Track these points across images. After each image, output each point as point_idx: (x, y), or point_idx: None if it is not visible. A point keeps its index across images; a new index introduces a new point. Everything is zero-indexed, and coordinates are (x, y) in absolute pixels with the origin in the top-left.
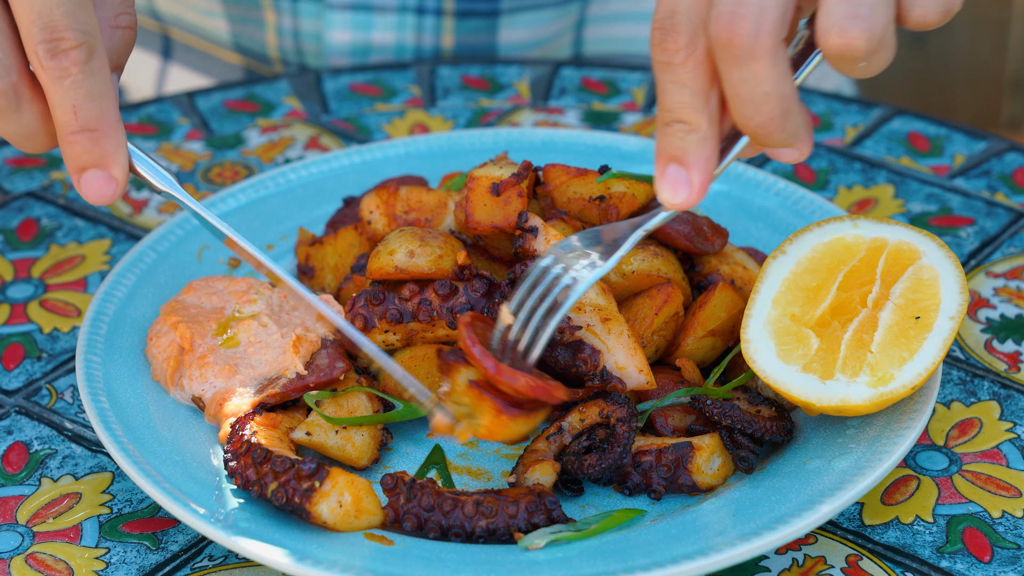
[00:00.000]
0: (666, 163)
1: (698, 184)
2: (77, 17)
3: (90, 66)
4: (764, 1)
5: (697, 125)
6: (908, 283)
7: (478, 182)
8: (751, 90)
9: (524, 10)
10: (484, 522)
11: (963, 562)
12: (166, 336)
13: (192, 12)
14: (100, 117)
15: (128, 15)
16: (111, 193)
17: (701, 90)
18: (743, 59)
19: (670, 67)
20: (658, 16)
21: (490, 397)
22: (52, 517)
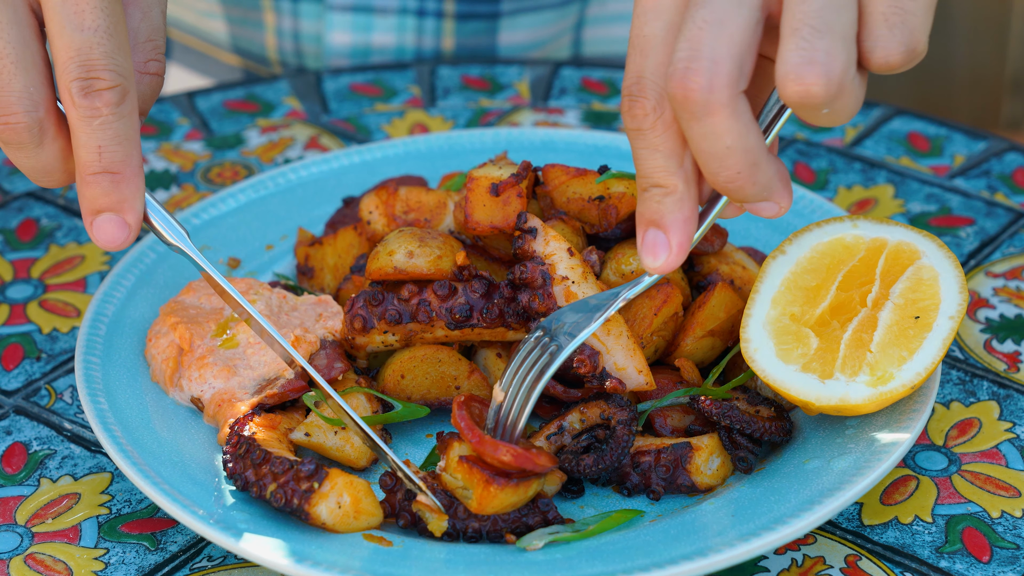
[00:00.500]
0: (645, 228)
1: (676, 246)
2: (115, 59)
3: (121, 109)
4: (717, 54)
5: (673, 187)
6: (908, 283)
7: (477, 182)
8: (713, 145)
9: (524, 12)
10: (476, 523)
11: (962, 562)
12: (165, 337)
13: (191, 13)
14: (124, 161)
15: (157, 62)
16: (123, 239)
17: (673, 152)
18: (700, 114)
19: (641, 133)
20: (625, 83)
21: (479, 469)
22: (51, 517)
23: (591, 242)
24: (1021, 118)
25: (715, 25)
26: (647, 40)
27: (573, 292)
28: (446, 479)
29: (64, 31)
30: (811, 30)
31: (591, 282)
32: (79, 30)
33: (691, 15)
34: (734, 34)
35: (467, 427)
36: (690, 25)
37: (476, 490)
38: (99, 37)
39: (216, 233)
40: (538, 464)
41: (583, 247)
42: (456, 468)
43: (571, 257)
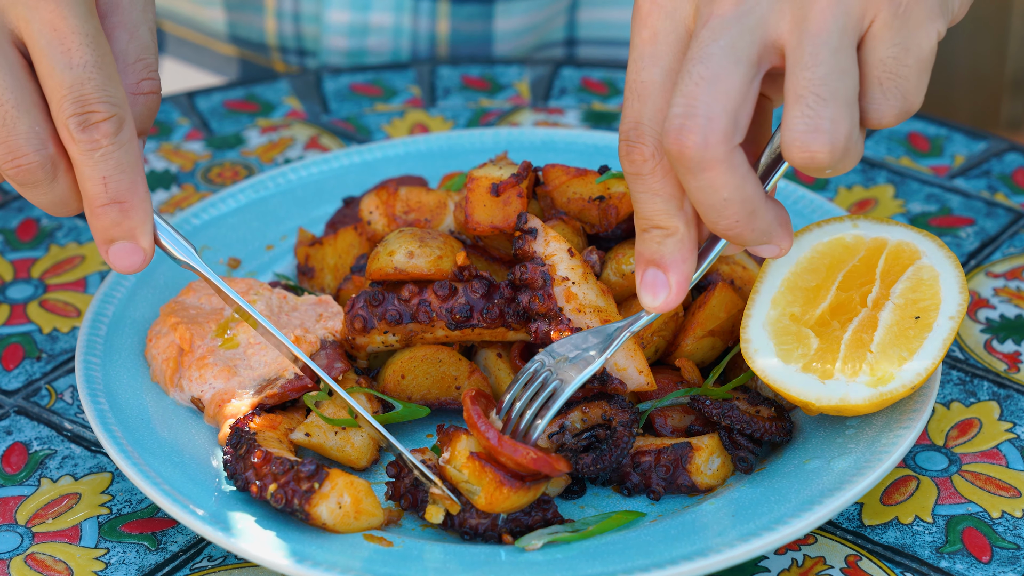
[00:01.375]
0: (645, 267)
1: (676, 285)
2: (107, 90)
3: (120, 138)
4: (712, 111)
5: (674, 229)
6: (908, 283)
7: (478, 182)
8: (710, 197)
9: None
10: (475, 520)
11: (962, 562)
12: (165, 337)
13: (187, 3)
14: (130, 189)
15: (150, 80)
16: (139, 263)
17: (673, 196)
18: (696, 170)
19: (640, 177)
20: (623, 128)
21: (492, 469)
22: (51, 517)
23: (591, 242)
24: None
25: (711, 81)
26: (644, 86)
27: (573, 292)
28: (451, 473)
29: (55, 71)
30: (816, 98)
31: (591, 283)
32: (68, 68)
33: (688, 69)
34: (730, 90)
35: (485, 426)
36: (686, 80)
37: (487, 489)
38: (89, 72)
39: (216, 233)
40: (556, 469)
41: (583, 247)
42: (465, 464)
43: (571, 257)
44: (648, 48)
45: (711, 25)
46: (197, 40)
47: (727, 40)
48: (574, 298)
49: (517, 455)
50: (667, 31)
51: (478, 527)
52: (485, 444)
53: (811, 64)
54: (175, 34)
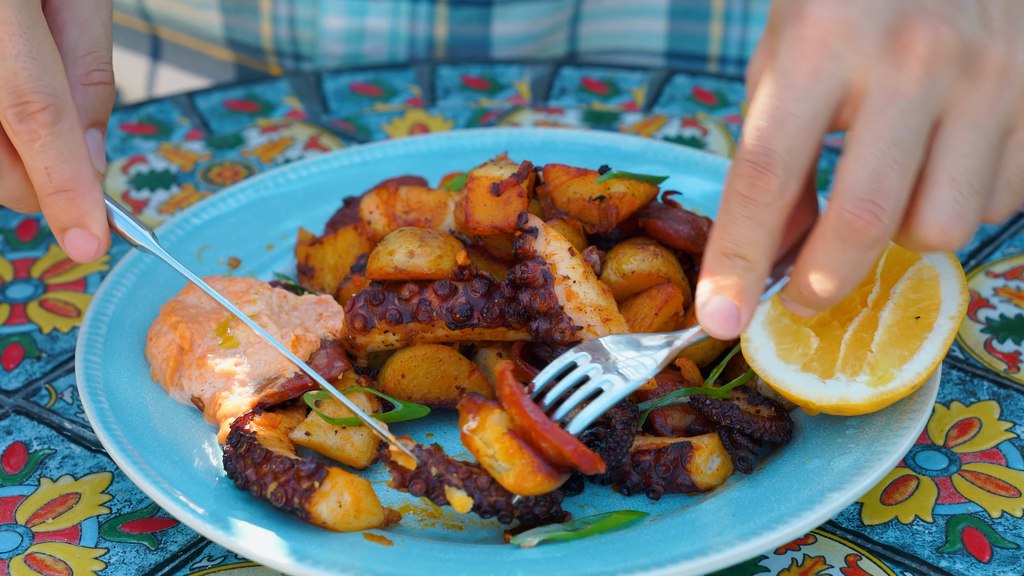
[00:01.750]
0: (714, 292)
1: (744, 320)
2: (42, 79)
3: (59, 127)
4: (900, 199)
5: (758, 265)
6: (908, 283)
7: (478, 182)
8: (846, 271)
9: (518, 1)
10: (492, 498)
11: (962, 562)
12: (165, 336)
13: (184, 6)
14: (74, 177)
15: (101, 71)
16: (93, 251)
17: (777, 234)
18: (861, 248)
19: (752, 203)
20: (751, 149)
21: (530, 452)
22: (51, 517)
23: (591, 242)
24: None
25: (903, 168)
26: (791, 119)
27: (574, 292)
28: (477, 443)
29: None
30: (969, 187)
31: (592, 282)
32: (2, 59)
33: (879, 146)
34: (912, 179)
35: (532, 408)
36: (877, 158)
37: (519, 470)
38: (22, 62)
39: (216, 233)
40: (594, 466)
41: (583, 247)
42: (498, 440)
43: (572, 257)
44: (806, 83)
45: (898, 105)
46: (193, 46)
47: (916, 124)
48: (575, 297)
49: (564, 445)
50: (830, 75)
51: (495, 504)
52: (527, 424)
53: (972, 154)
54: (172, 40)
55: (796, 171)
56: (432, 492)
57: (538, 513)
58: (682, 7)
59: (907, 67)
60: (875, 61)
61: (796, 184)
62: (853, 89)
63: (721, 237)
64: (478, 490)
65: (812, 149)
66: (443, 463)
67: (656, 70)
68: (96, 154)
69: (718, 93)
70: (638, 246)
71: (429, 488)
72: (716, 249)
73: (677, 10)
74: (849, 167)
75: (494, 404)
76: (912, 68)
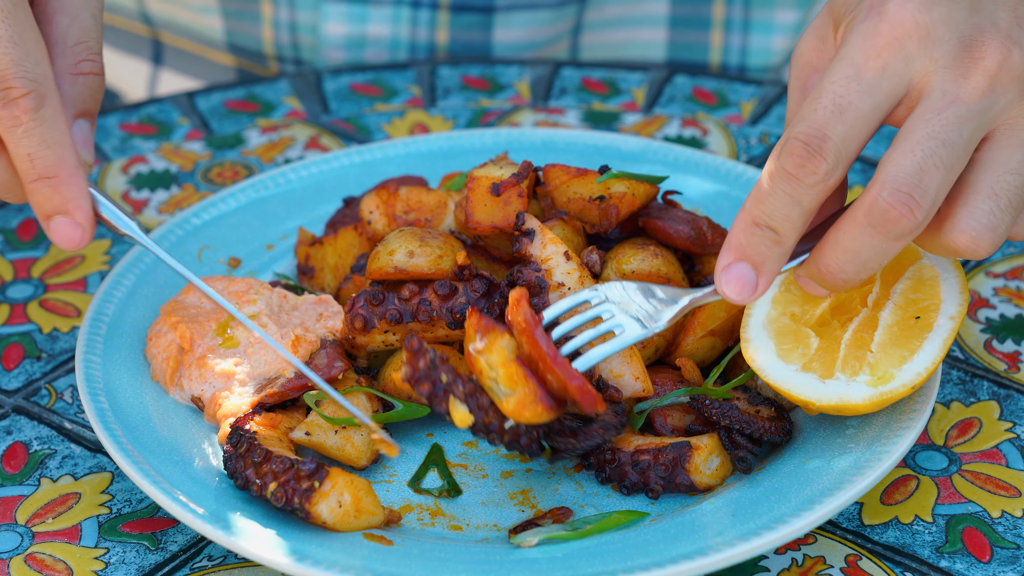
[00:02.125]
0: (736, 258)
1: (761, 290)
2: (24, 65)
3: (41, 114)
4: (938, 197)
5: (787, 241)
6: (908, 283)
7: (478, 182)
8: (868, 256)
9: (519, 9)
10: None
11: (962, 562)
12: (166, 336)
13: (185, 11)
14: (57, 164)
15: (90, 62)
16: (79, 238)
17: (810, 214)
18: (890, 239)
19: (796, 182)
20: (805, 130)
21: (534, 383)
22: (51, 517)
23: (591, 242)
24: None
25: (947, 170)
26: (851, 108)
27: None
28: (480, 364)
29: None
30: (1007, 202)
31: (587, 287)
32: None
33: (927, 145)
34: (952, 181)
35: (544, 339)
36: (924, 155)
37: (520, 397)
38: (3, 47)
39: (216, 233)
40: (598, 407)
41: (583, 247)
42: (504, 364)
43: (568, 261)
44: (873, 78)
45: (956, 110)
46: (195, 50)
47: (969, 133)
48: None
49: (570, 380)
50: (897, 73)
51: (488, 425)
52: (536, 354)
53: (1016, 171)
54: (173, 45)
55: (845, 159)
56: (435, 399)
57: (523, 443)
58: (683, 16)
59: (973, 78)
60: (943, 67)
61: (842, 172)
62: (913, 90)
63: (756, 206)
64: (479, 409)
65: (862, 141)
66: (453, 373)
67: (656, 70)
68: (83, 144)
69: (718, 93)
70: (638, 246)
71: (434, 392)
72: (748, 217)
73: (678, 19)
74: (895, 159)
75: (503, 328)
76: (977, 80)
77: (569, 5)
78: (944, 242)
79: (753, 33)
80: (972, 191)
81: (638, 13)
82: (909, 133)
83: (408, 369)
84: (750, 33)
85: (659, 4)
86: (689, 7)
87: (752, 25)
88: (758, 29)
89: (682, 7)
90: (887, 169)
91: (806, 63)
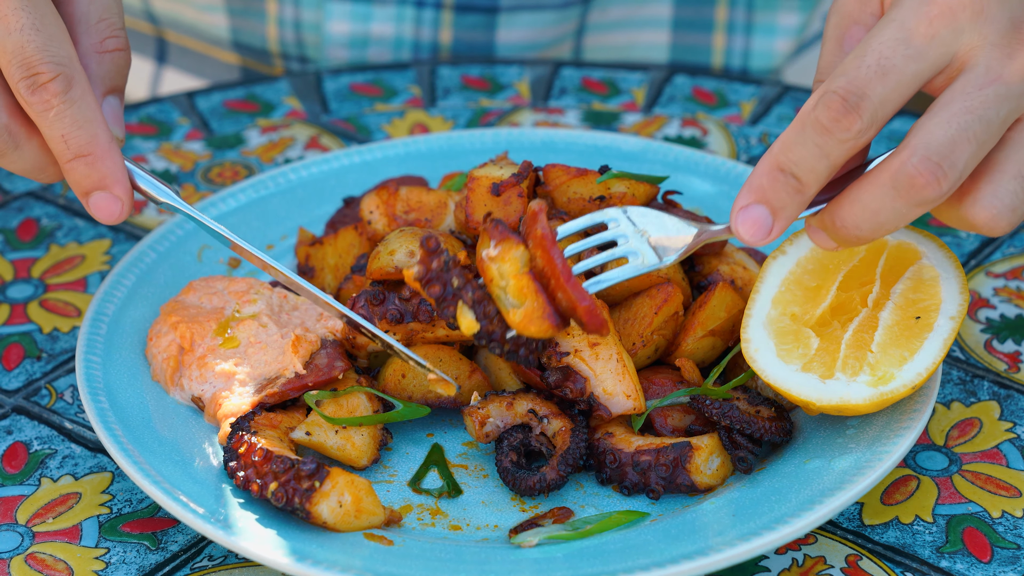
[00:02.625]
0: (756, 200)
1: (775, 234)
2: (50, 50)
3: (71, 95)
4: (966, 170)
5: (808, 190)
6: (908, 283)
7: (478, 182)
8: (885, 218)
9: (523, 10)
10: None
11: (963, 562)
12: (166, 336)
13: (190, 9)
14: (91, 142)
15: (115, 39)
16: (119, 212)
17: (835, 168)
18: (914, 204)
19: (828, 135)
20: (845, 85)
21: (543, 298)
22: (52, 517)
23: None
24: None
25: (979, 145)
26: (894, 71)
27: None
28: (492, 272)
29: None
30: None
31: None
32: (7, 34)
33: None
34: (980, 157)
35: (559, 256)
36: (959, 128)
37: (528, 310)
38: (27, 35)
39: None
40: (600, 331)
41: None
42: (515, 275)
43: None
44: (922, 44)
45: (997, 89)
46: (199, 48)
47: (1006, 112)
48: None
49: (580, 300)
50: (946, 43)
51: (492, 333)
52: (550, 270)
53: None
54: (177, 43)
55: (880, 120)
56: (443, 302)
57: (522, 355)
58: (686, 19)
59: (1018, 59)
60: (991, 44)
61: (875, 132)
62: (956, 61)
63: (783, 152)
64: (485, 317)
65: (899, 105)
66: (465, 278)
67: (656, 70)
68: (114, 120)
69: (718, 93)
70: None
71: (443, 295)
72: (773, 161)
73: (681, 21)
74: (929, 127)
75: (519, 239)
76: (1022, 62)
77: (573, 7)
78: (963, 215)
79: (756, 36)
80: (999, 169)
81: (641, 15)
82: (947, 104)
83: (421, 268)
84: (753, 35)
85: (662, 6)
86: (692, 9)
87: (755, 28)
88: (761, 32)
89: (685, 9)
90: (920, 136)
91: (847, 14)
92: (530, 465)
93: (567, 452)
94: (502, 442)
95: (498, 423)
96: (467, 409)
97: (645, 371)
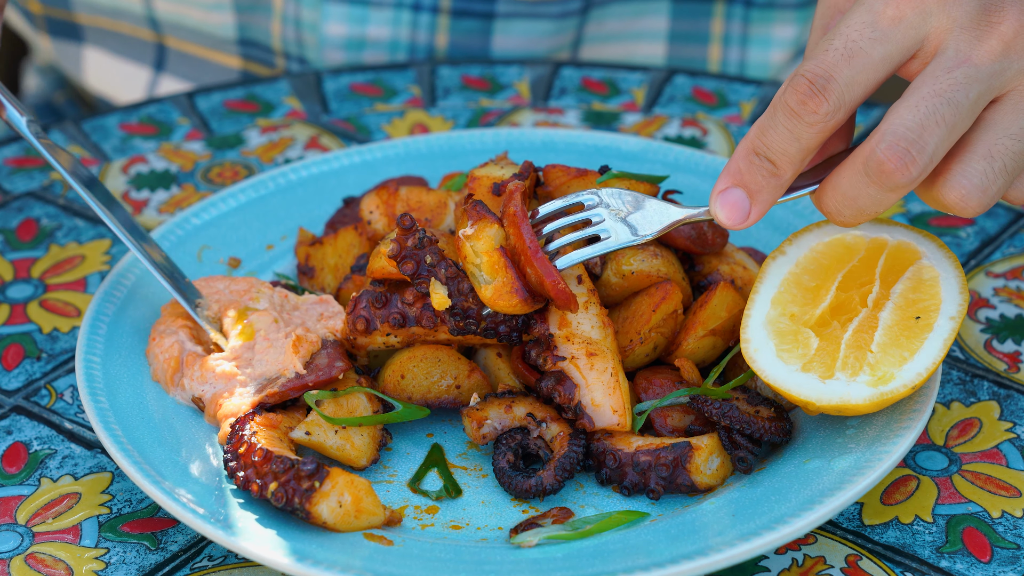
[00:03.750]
0: (733, 183)
1: (753, 216)
2: None
3: None
4: (937, 153)
5: (783, 173)
6: (908, 283)
7: (479, 182)
8: (864, 204)
9: (520, 17)
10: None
11: (963, 562)
12: (167, 336)
13: (196, 10)
14: None
15: None
16: None
17: (809, 151)
18: (886, 189)
19: (797, 118)
20: (812, 68)
21: (513, 274)
22: (52, 517)
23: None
24: None
25: (949, 128)
26: (861, 54)
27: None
28: (467, 249)
29: None
30: (1002, 166)
31: (591, 312)
32: None
33: (931, 102)
34: (953, 140)
35: (529, 233)
36: (927, 112)
37: (499, 287)
38: None
39: (216, 233)
40: (569, 307)
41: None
42: (488, 252)
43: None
44: (887, 27)
45: (966, 71)
46: (200, 53)
47: (976, 94)
48: (567, 325)
49: (547, 276)
50: (913, 26)
51: (467, 310)
52: (520, 247)
53: (1016, 136)
54: (177, 48)
55: (848, 103)
56: (417, 278)
57: (502, 332)
58: (682, 31)
59: (987, 42)
60: (960, 27)
61: (844, 115)
62: (928, 46)
63: (757, 136)
64: (459, 294)
65: (869, 87)
66: (439, 255)
67: (656, 70)
68: None
69: (718, 93)
70: (638, 246)
71: (417, 272)
72: (748, 146)
73: (677, 34)
74: (899, 111)
75: (494, 218)
76: (991, 44)
77: (570, 17)
78: (936, 196)
79: (751, 47)
80: (969, 151)
81: (638, 27)
82: (917, 88)
83: (395, 246)
84: (748, 47)
85: (659, 19)
86: (688, 22)
87: (750, 40)
88: (756, 44)
89: (682, 22)
90: (890, 120)
91: (832, 3)
92: (528, 467)
93: (564, 458)
94: (500, 443)
95: (496, 425)
96: (465, 410)
97: (644, 371)
